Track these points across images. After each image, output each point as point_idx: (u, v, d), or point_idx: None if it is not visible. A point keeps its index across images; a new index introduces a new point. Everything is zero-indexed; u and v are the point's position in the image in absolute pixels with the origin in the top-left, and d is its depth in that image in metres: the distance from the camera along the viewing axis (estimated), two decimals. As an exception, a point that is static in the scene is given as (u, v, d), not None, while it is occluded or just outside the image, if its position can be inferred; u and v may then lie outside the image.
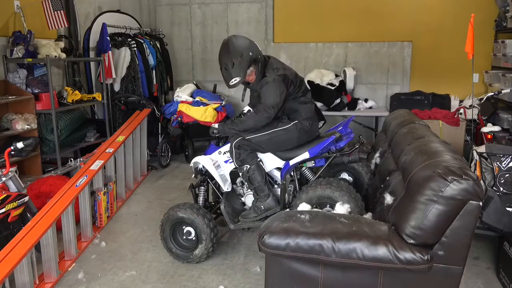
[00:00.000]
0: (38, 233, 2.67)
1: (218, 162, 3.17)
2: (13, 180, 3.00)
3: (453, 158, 1.97)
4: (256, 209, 3.08)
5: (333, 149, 3.07)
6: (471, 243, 1.88)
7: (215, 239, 3.03)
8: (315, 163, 3.15)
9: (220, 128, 3.02)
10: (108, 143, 4.09)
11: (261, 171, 3.03)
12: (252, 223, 3.11)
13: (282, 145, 3.08)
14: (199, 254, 2.99)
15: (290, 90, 2.97)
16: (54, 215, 2.86)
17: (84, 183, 3.30)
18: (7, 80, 4.10)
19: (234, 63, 2.86)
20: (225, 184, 3.17)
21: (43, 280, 2.82)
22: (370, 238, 1.87)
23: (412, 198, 1.91)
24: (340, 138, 3.08)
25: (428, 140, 2.41)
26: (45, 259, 2.81)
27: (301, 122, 3.02)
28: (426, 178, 1.86)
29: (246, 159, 3.00)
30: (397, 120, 3.24)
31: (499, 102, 5.11)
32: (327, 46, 6.21)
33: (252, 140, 3.00)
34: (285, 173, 3.06)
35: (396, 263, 1.81)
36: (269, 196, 3.06)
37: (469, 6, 5.53)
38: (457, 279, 1.89)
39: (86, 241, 3.39)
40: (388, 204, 2.25)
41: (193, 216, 2.97)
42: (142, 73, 5.63)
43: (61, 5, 4.28)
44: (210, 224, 2.98)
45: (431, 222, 1.82)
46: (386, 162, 2.98)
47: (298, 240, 1.90)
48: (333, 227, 1.95)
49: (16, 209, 2.82)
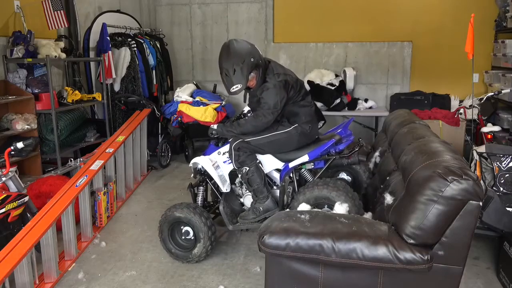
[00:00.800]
0: (38, 233, 2.66)
1: (217, 163, 3.16)
2: (13, 180, 3.00)
3: (453, 158, 1.97)
4: (255, 210, 3.08)
5: (332, 151, 3.07)
6: (471, 243, 1.88)
7: (213, 237, 3.03)
8: (314, 165, 3.16)
9: (219, 130, 3.04)
10: (108, 143, 4.09)
11: (260, 173, 3.03)
12: (251, 224, 3.10)
13: (282, 148, 3.07)
14: (198, 253, 3.00)
15: (290, 95, 2.97)
16: (54, 215, 2.86)
17: (84, 183, 3.30)
18: (7, 80, 4.10)
19: (236, 69, 2.82)
20: (224, 185, 3.17)
21: (43, 280, 2.82)
22: (370, 238, 1.87)
23: (412, 198, 1.91)
24: (340, 140, 3.09)
25: (428, 140, 2.41)
26: (45, 259, 2.81)
27: (301, 126, 3.02)
28: (426, 178, 1.86)
29: (245, 161, 2.99)
30: (397, 120, 3.24)
31: (499, 102, 5.11)
32: (327, 46, 6.21)
33: (252, 142, 2.99)
34: (284, 175, 3.07)
35: (396, 263, 1.81)
36: (268, 197, 3.06)
37: (469, 6, 5.53)
38: (457, 279, 1.89)
39: (86, 241, 3.39)
40: (388, 204, 2.25)
41: (190, 215, 2.97)
42: (142, 73, 5.62)
43: (61, 5, 4.28)
44: (207, 222, 2.99)
45: (431, 222, 1.82)
46: (386, 162, 2.98)
47: (298, 240, 1.90)
48: (333, 227, 1.95)
49: (16, 209, 2.82)
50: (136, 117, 4.77)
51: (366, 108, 5.86)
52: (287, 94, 2.93)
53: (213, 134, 3.07)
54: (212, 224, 3.05)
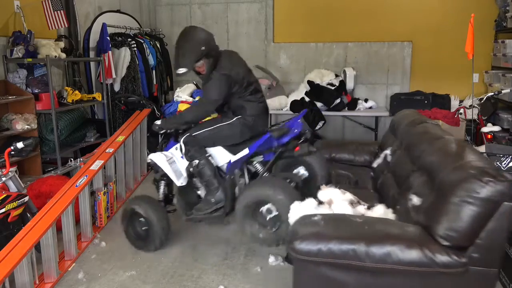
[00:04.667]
0: (38, 233, 2.66)
1: (173, 158, 3.27)
2: (13, 180, 3.00)
3: (481, 159, 1.94)
4: (207, 202, 3.21)
5: (275, 144, 3.15)
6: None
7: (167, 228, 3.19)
8: (264, 158, 3.24)
9: (162, 124, 3.20)
10: (108, 143, 4.09)
11: (210, 165, 3.14)
12: (204, 215, 3.23)
13: (227, 140, 3.19)
14: (154, 243, 3.16)
15: (234, 90, 3.09)
16: (54, 215, 2.85)
17: (84, 183, 3.30)
18: (7, 80, 4.10)
19: (185, 53, 3.02)
20: (179, 179, 3.26)
21: (43, 280, 2.82)
22: (403, 241, 1.82)
23: (444, 200, 1.87)
24: (286, 133, 3.14)
25: (448, 140, 2.37)
26: (45, 259, 2.80)
27: (244, 118, 3.13)
28: (460, 179, 1.83)
29: (194, 154, 3.12)
30: (407, 120, 3.21)
31: (499, 102, 5.11)
32: (327, 46, 6.21)
33: (198, 136, 3.13)
34: (230, 169, 3.18)
35: (433, 267, 1.77)
36: (218, 189, 3.16)
37: (469, 6, 5.53)
38: (493, 281, 1.86)
39: (86, 241, 3.39)
40: (415, 205, 2.19)
41: (145, 207, 3.12)
42: (142, 73, 5.62)
43: (61, 5, 4.28)
44: (160, 214, 3.14)
45: (466, 224, 1.78)
46: (401, 162, 2.91)
47: (331, 245, 1.84)
48: (363, 230, 1.90)
49: (16, 209, 2.82)
50: (136, 117, 4.76)
51: (366, 108, 5.86)
52: (230, 88, 3.05)
53: (157, 129, 3.22)
54: (166, 217, 3.19)
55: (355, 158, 3.72)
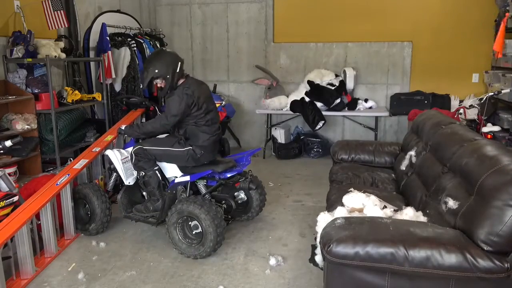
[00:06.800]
0: (10, 231, 2.68)
1: (128, 157, 3.47)
2: (4, 179, 3.01)
3: None
4: (146, 207, 3.43)
5: (217, 177, 3.37)
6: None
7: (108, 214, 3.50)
8: (207, 182, 3.45)
9: (126, 130, 3.48)
10: (98, 142, 4.06)
11: (156, 178, 3.36)
12: (140, 218, 3.46)
13: (174, 162, 3.42)
14: (95, 228, 3.46)
15: (192, 112, 3.27)
16: (30, 213, 2.88)
17: (65, 181, 3.32)
18: (7, 80, 4.10)
19: (145, 72, 3.33)
20: (128, 178, 3.50)
21: (19, 277, 2.86)
22: (443, 245, 1.77)
23: (486, 204, 1.83)
24: (231, 167, 3.40)
25: (482, 142, 2.34)
26: (20, 256, 2.85)
27: (194, 150, 3.29)
28: (503, 182, 1.80)
29: (143, 166, 3.33)
30: (431, 121, 3.16)
31: (499, 102, 5.10)
32: (327, 46, 6.21)
33: (148, 150, 3.32)
34: (171, 187, 3.40)
35: (474, 272, 1.72)
36: (158, 200, 3.38)
37: (469, 6, 5.52)
38: None
39: (69, 239, 3.43)
40: (452, 208, 2.15)
41: (88, 193, 3.43)
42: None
43: (61, 5, 4.28)
44: (102, 201, 3.44)
45: (509, 228, 1.75)
46: (428, 164, 2.85)
47: (368, 248, 1.80)
48: (401, 233, 1.85)
49: (3, 208, 2.81)
50: (129, 116, 4.69)
51: (366, 108, 5.86)
52: (189, 107, 3.24)
53: (121, 133, 3.53)
54: (108, 206, 3.50)
55: (375, 159, 3.66)
